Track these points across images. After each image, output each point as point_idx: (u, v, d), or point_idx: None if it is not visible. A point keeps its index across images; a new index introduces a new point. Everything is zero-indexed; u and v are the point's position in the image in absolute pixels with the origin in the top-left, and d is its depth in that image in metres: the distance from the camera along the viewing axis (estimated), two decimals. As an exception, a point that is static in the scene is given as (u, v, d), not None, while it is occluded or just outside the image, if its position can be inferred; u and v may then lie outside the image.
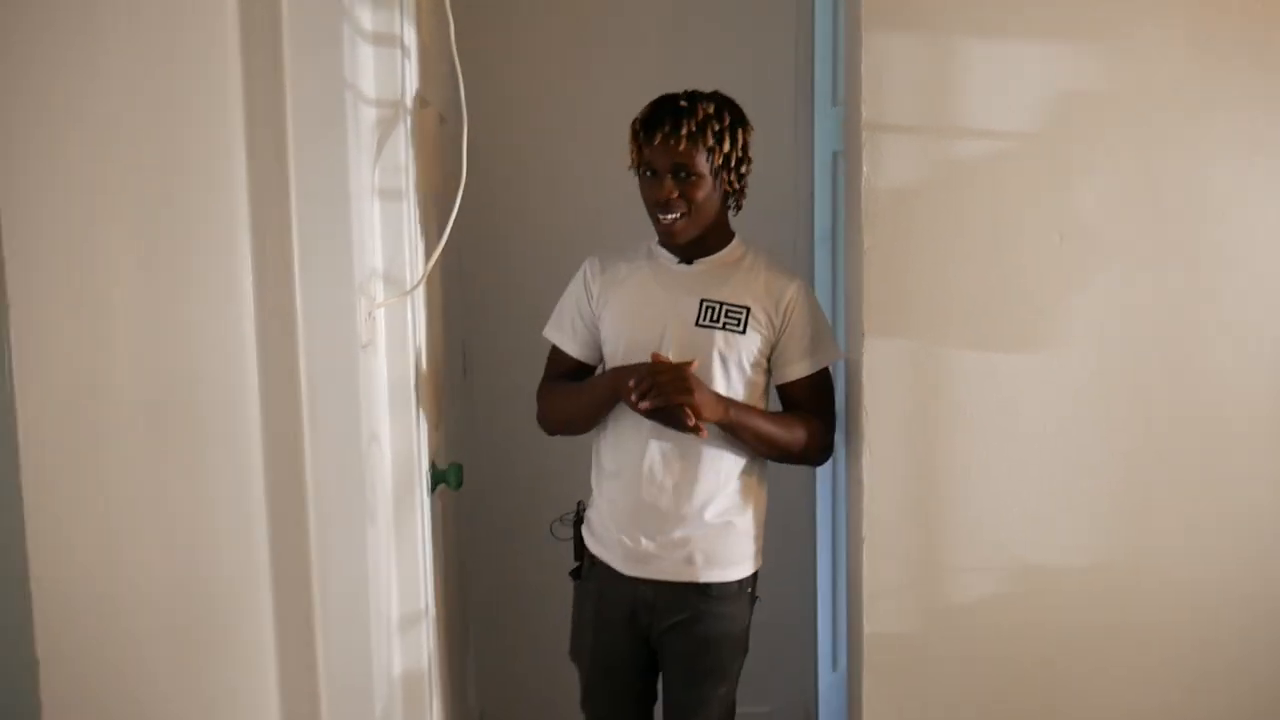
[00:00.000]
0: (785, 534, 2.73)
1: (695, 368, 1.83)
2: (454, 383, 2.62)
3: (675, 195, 1.87)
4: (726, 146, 1.87)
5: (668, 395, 1.79)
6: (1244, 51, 1.79)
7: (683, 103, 1.88)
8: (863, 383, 1.87)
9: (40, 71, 1.02)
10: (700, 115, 1.86)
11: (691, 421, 1.80)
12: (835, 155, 2.64)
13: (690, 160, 1.86)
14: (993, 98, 1.81)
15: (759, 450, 1.93)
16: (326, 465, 1.37)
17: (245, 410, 1.11)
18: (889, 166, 1.82)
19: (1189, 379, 1.85)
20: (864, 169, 1.82)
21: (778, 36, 2.76)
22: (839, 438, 2.03)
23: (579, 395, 2.01)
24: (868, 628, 1.91)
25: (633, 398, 1.81)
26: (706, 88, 1.95)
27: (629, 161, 1.97)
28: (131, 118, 1.05)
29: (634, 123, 1.93)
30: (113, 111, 1.04)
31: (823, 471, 2.66)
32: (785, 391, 1.96)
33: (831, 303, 2.60)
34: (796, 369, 1.93)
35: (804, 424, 1.94)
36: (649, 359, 1.88)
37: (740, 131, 1.91)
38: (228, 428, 1.11)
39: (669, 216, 1.88)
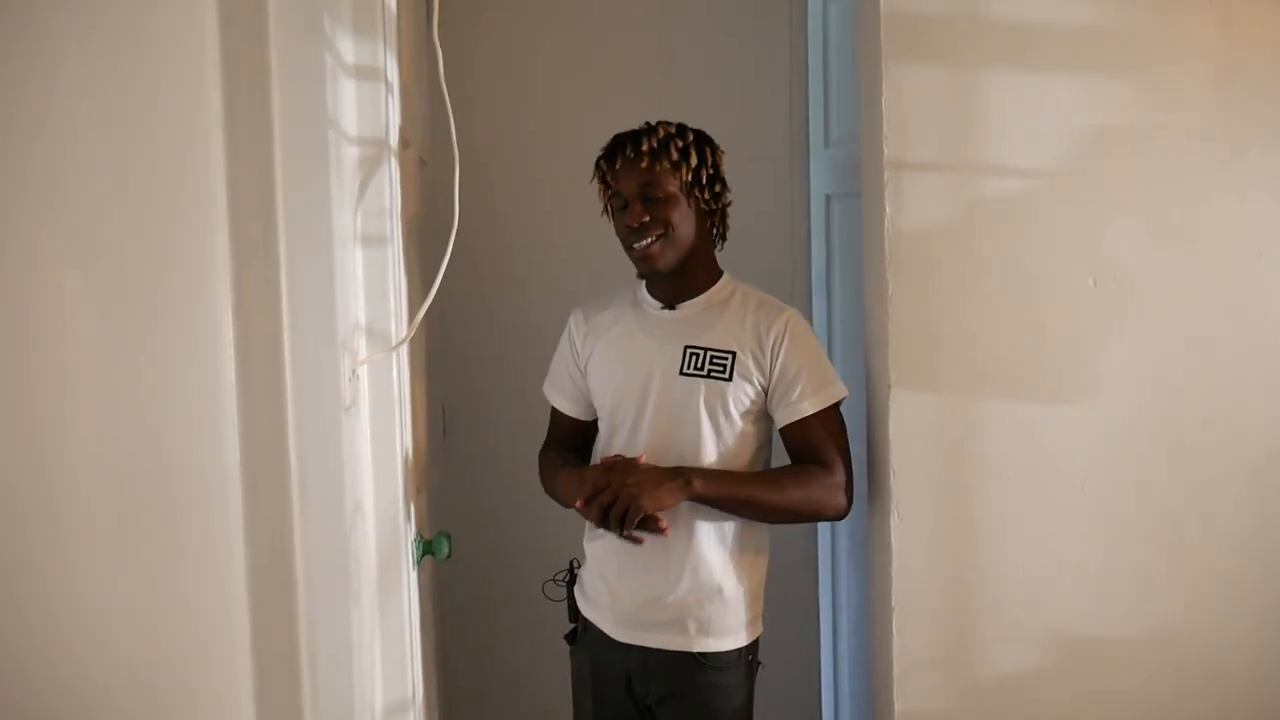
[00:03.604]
0: (786, 597, 2.58)
1: (642, 460, 1.73)
2: (435, 446, 2.44)
3: (647, 218, 1.75)
4: (694, 160, 1.76)
5: (620, 513, 1.68)
6: (1278, 85, 1.70)
7: (643, 125, 1.80)
8: (889, 438, 1.73)
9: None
10: (661, 134, 1.76)
11: (661, 525, 1.69)
12: (828, 198, 2.55)
13: (657, 179, 1.74)
14: (1020, 134, 1.71)
15: (756, 518, 1.78)
16: (309, 543, 1.20)
17: (224, 482, 0.94)
18: (913, 207, 1.71)
19: (1233, 429, 1.73)
20: (887, 210, 1.70)
21: (770, 79, 2.67)
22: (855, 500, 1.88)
23: (556, 488, 1.90)
24: (899, 705, 1.76)
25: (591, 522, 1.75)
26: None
27: (600, 208, 1.87)
28: (92, 156, 0.89)
29: (597, 160, 1.84)
30: (71, 148, 0.89)
31: (823, 530, 2.52)
32: (787, 437, 1.79)
33: (828, 352, 2.48)
34: (794, 410, 1.75)
35: (802, 478, 1.74)
36: (627, 427, 1.81)
37: (707, 149, 1.80)
38: (205, 502, 0.93)
39: (644, 242, 1.75)
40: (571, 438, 1.95)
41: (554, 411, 1.99)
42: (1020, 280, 1.72)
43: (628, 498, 1.66)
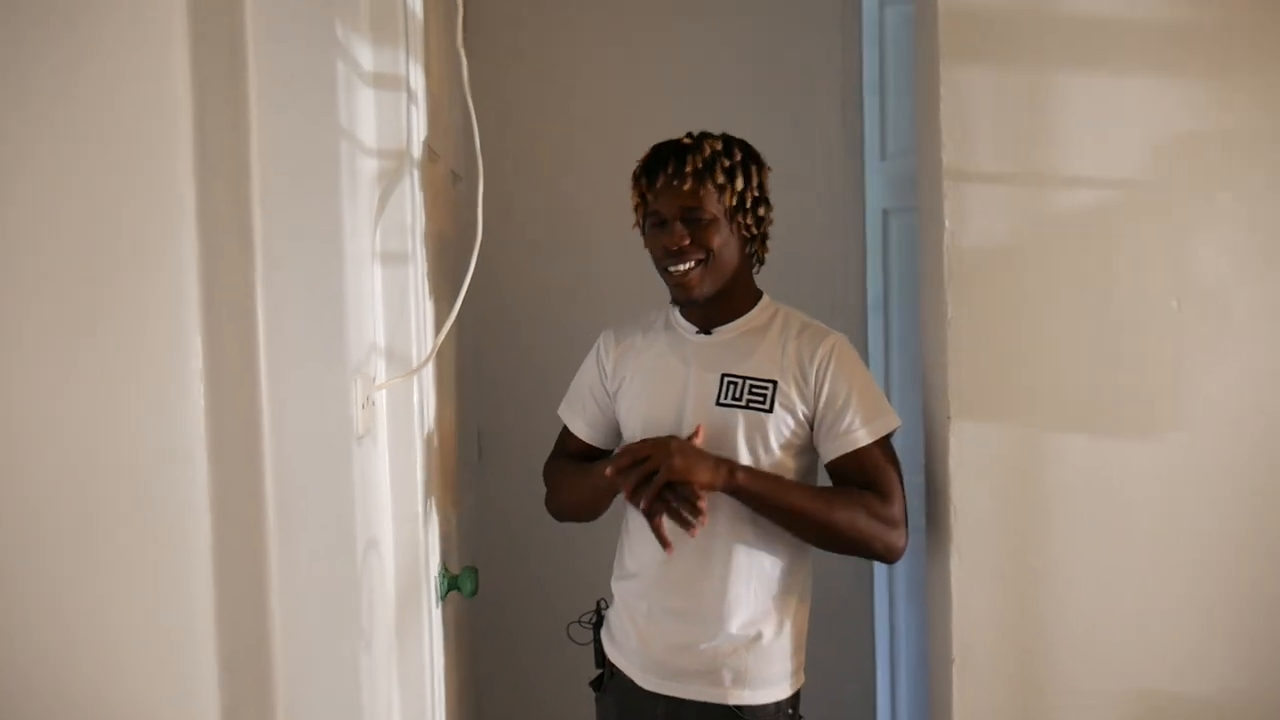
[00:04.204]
0: (840, 644, 2.43)
1: (700, 439, 1.60)
2: (468, 470, 2.35)
3: (687, 241, 1.62)
4: (739, 184, 1.63)
5: (652, 481, 1.54)
6: (1387, 84, 1.53)
7: (686, 140, 1.67)
8: (949, 475, 1.59)
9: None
10: (707, 152, 1.63)
11: (700, 507, 1.54)
12: (885, 213, 2.41)
13: (700, 201, 1.61)
14: (1095, 140, 1.56)
15: (796, 532, 1.62)
16: (307, 584, 1.10)
17: (189, 527, 0.84)
18: (975, 221, 1.57)
19: (1334, 467, 1.56)
20: (946, 224, 1.57)
21: (822, 88, 2.54)
22: (914, 537, 1.72)
23: (581, 481, 1.76)
24: (959, 767, 1.60)
25: (624, 494, 1.60)
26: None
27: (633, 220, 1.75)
28: (40, 160, 0.80)
29: (634, 172, 1.71)
30: (11, 155, 0.80)
31: (879, 570, 2.37)
32: (835, 471, 1.65)
33: (884, 377, 2.35)
34: (843, 442, 1.60)
35: (857, 502, 1.58)
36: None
37: (754, 169, 1.67)
38: (161, 550, 0.84)
39: (681, 267, 1.63)
40: (582, 461, 1.83)
41: (565, 433, 1.86)
42: (1095, 302, 1.57)
43: (666, 465, 1.53)
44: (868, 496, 1.59)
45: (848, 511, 1.58)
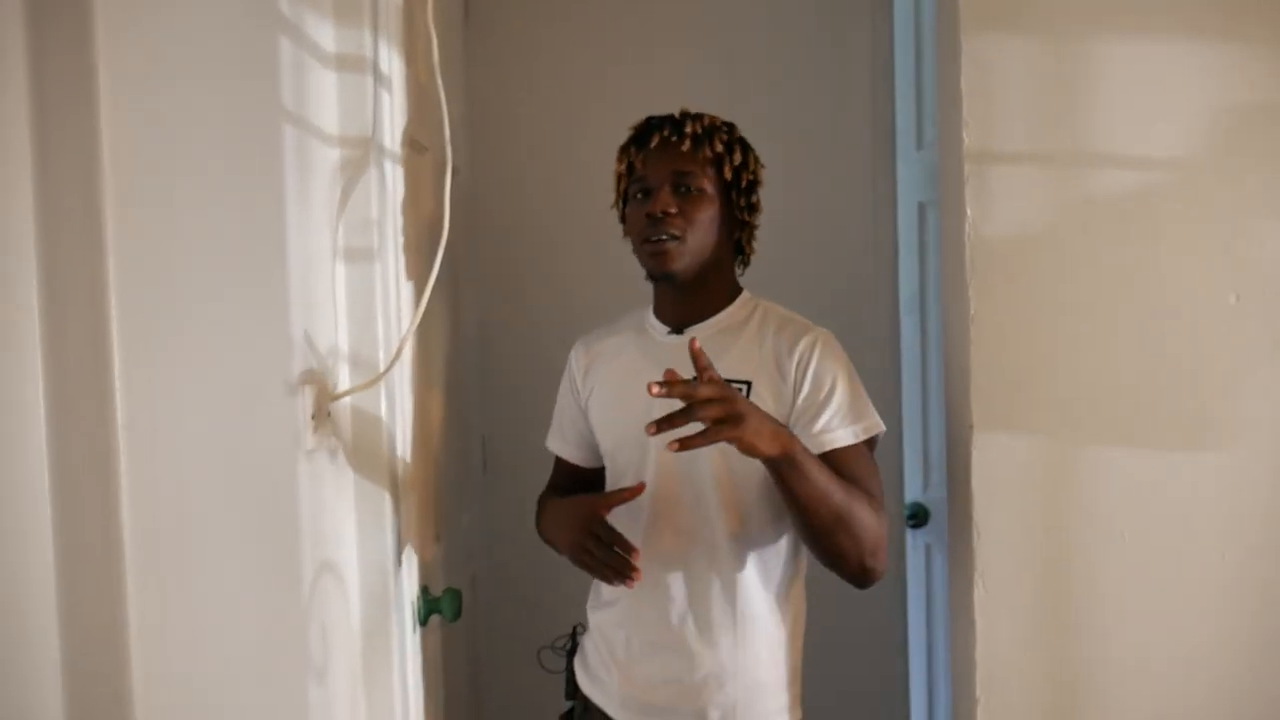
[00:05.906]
0: (871, 677, 2.25)
1: (642, 492, 1.46)
2: (469, 482, 2.22)
3: (674, 210, 1.48)
4: (737, 158, 1.51)
5: (707, 433, 1.25)
6: None
7: (680, 112, 1.56)
8: (972, 491, 1.43)
9: None
10: (706, 121, 1.54)
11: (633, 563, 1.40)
12: (921, 206, 2.24)
13: (694, 168, 1.50)
14: (1139, 115, 1.39)
15: (812, 519, 1.35)
16: (220, 614, 0.98)
17: (30, 574, 0.72)
18: (1001, 208, 1.40)
19: None
20: (968, 212, 1.40)
21: (851, 75, 2.37)
22: (930, 559, 1.56)
23: (547, 529, 1.64)
24: (986, 819, 1.43)
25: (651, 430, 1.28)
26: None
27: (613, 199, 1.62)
28: None
29: (623, 144, 1.59)
30: None
31: (915, 596, 2.18)
32: None
33: (922, 386, 2.17)
34: (819, 441, 1.40)
35: (864, 500, 1.36)
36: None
37: (750, 153, 1.56)
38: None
39: (661, 236, 1.48)
40: (575, 489, 1.68)
41: (557, 460, 1.74)
42: (1139, 297, 1.40)
43: (734, 415, 1.24)
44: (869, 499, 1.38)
45: (863, 510, 1.36)
